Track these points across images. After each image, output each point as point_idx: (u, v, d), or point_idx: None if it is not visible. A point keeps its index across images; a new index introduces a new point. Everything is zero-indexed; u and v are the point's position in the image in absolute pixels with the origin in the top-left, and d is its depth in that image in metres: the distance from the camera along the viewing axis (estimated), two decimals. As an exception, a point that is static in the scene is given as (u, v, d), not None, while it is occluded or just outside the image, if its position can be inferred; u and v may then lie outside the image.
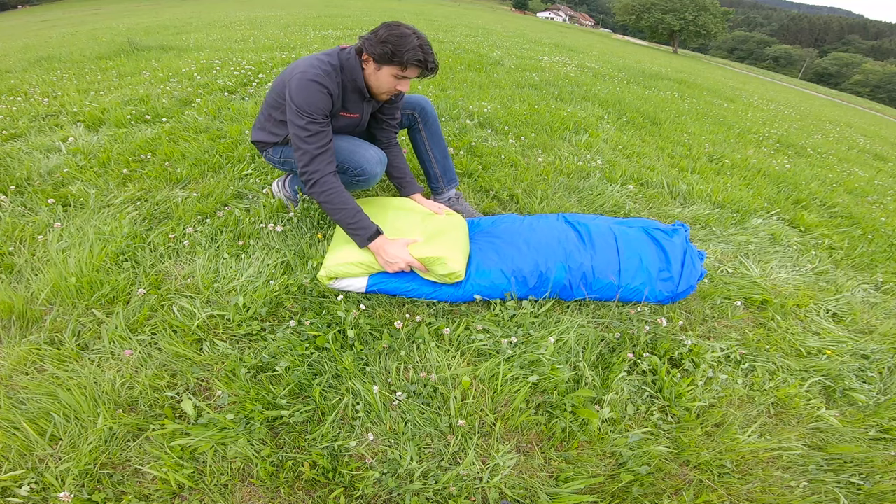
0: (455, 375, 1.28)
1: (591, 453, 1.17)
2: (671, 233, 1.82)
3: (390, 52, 1.44)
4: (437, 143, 1.98)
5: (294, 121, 1.46)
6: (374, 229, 1.51)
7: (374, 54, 1.46)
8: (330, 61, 1.52)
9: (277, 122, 1.67)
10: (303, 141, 1.46)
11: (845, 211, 3.05)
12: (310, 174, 1.48)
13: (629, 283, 1.62)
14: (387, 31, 1.45)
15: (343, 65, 1.53)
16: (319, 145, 1.48)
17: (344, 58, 1.54)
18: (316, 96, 1.46)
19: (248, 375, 1.22)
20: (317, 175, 1.47)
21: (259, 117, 1.77)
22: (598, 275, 1.61)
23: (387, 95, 1.62)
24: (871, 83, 66.92)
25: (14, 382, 1.17)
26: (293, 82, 1.47)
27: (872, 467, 1.24)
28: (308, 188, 1.50)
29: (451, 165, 2.05)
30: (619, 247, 1.69)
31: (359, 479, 1.04)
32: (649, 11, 39.23)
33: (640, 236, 1.77)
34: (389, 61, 1.47)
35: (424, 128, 1.95)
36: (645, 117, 4.43)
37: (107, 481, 0.99)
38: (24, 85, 3.61)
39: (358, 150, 1.65)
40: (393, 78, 1.51)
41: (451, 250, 1.53)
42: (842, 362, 1.60)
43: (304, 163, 1.48)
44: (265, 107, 1.71)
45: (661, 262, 1.69)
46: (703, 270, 1.75)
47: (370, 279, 1.52)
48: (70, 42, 7.08)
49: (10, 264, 1.53)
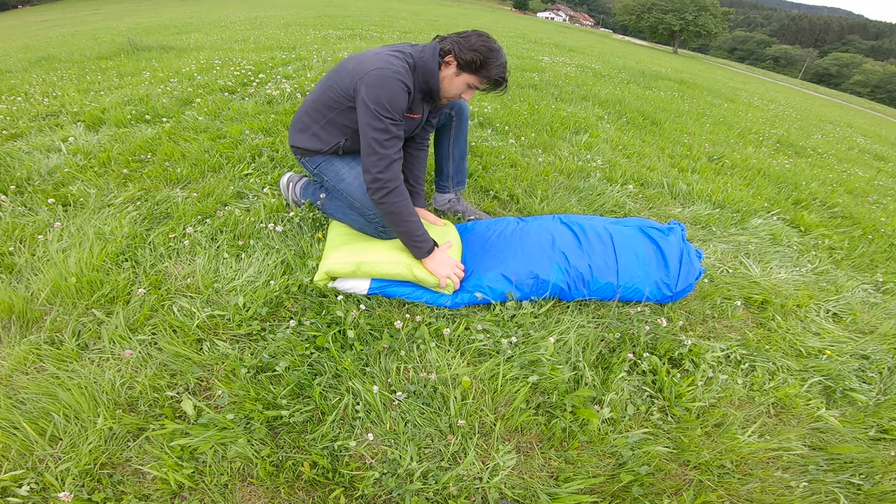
0: (455, 375, 1.28)
1: (591, 453, 1.17)
2: (667, 231, 1.82)
3: (479, 62, 1.40)
4: (461, 144, 1.97)
5: (371, 123, 1.35)
6: (433, 241, 1.52)
7: (462, 59, 1.41)
8: (405, 59, 1.43)
9: (331, 124, 1.56)
10: (381, 145, 1.36)
11: (845, 211, 3.05)
12: (385, 181, 1.38)
13: (627, 283, 1.62)
14: (479, 40, 1.40)
15: (417, 63, 1.45)
16: (397, 149, 1.40)
17: (418, 56, 1.45)
18: (399, 95, 1.37)
19: (248, 375, 1.22)
20: (393, 184, 1.39)
21: (302, 117, 1.62)
22: (596, 275, 1.61)
23: (449, 100, 1.57)
24: (871, 83, 66.93)
25: (14, 382, 1.17)
26: (369, 79, 1.35)
27: (872, 467, 1.24)
28: (380, 196, 1.41)
29: (465, 168, 2.05)
30: (616, 246, 1.69)
31: (359, 479, 1.04)
32: (649, 11, 39.23)
33: (636, 235, 1.77)
34: (474, 70, 1.42)
35: (456, 127, 1.92)
36: (645, 117, 4.43)
37: (107, 481, 0.99)
38: (25, 85, 3.61)
39: None
40: (466, 86, 1.47)
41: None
42: (842, 362, 1.60)
43: (380, 168, 1.37)
44: (317, 105, 1.57)
45: (659, 261, 1.69)
46: (702, 269, 1.74)
47: (373, 282, 1.53)
48: (70, 42, 7.08)
49: (10, 264, 1.53)
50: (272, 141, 2.52)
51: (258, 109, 3.02)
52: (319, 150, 1.62)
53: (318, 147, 1.61)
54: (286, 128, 2.74)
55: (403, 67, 1.40)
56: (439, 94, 1.51)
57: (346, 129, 1.57)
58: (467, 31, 1.43)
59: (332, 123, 1.56)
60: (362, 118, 1.38)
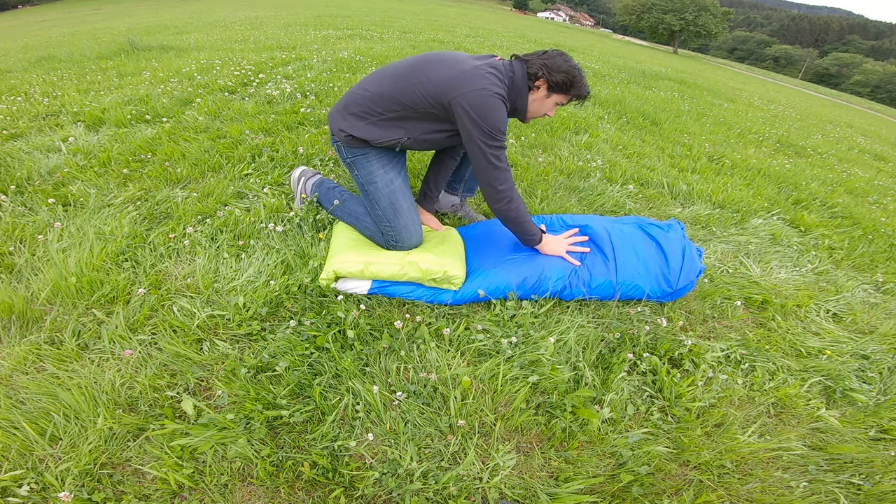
0: (455, 375, 1.28)
1: (591, 453, 1.17)
2: (666, 228, 1.81)
3: (569, 83, 1.46)
4: None
5: (486, 141, 1.40)
6: (540, 230, 1.62)
7: (552, 82, 1.46)
8: (501, 79, 1.44)
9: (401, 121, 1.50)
10: (499, 160, 1.43)
11: (845, 211, 3.05)
12: (506, 191, 1.48)
13: (627, 281, 1.62)
14: (564, 61, 1.46)
15: (509, 85, 1.47)
16: (508, 163, 1.49)
17: (507, 76, 1.46)
18: (503, 115, 1.41)
19: (248, 375, 1.22)
20: (512, 192, 1.49)
21: (367, 104, 1.51)
22: (594, 274, 1.61)
23: (533, 118, 1.60)
24: (871, 83, 66.93)
25: (14, 382, 1.17)
26: (474, 99, 1.37)
27: (872, 468, 1.24)
28: (503, 205, 1.50)
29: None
30: (615, 244, 1.69)
31: (359, 479, 1.04)
32: (649, 11, 39.22)
33: (635, 233, 1.77)
34: (564, 91, 1.48)
35: None
36: (645, 117, 4.43)
37: (107, 481, 0.99)
38: (25, 85, 3.61)
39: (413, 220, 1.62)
40: (554, 105, 1.53)
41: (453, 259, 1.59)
42: (842, 362, 1.60)
43: (501, 182, 1.46)
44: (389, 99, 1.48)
45: (659, 258, 1.69)
46: (702, 266, 1.74)
47: (374, 282, 1.53)
48: (70, 42, 7.09)
49: (10, 264, 1.53)
50: (272, 141, 2.52)
51: (258, 109, 3.02)
52: (372, 142, 1.54)
53: (373, 138, 1.52)
54: (286, 128, 2.74)
55: (503, 89, 1.43)
56: (525, 114, 1.55)
57: (414, 130, 1.52)
58: (548, 52, 1.48)
59: (402, 120, 1.50)
60: (474, 135, 1.40)
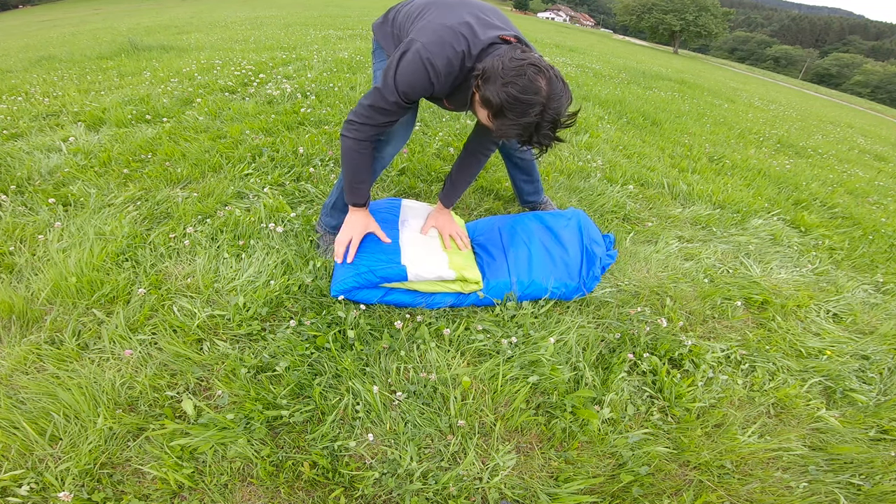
0: (455, 376, 1.28)
1: (591, 454, 1.17)
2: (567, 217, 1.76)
3: (498, 107, 1.07)
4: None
5: (381, 89, 1.23)
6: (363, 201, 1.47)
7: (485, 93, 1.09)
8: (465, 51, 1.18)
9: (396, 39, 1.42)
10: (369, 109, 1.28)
11: (846, 211, 3.05)
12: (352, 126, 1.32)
13: (523, 279, 1.55)
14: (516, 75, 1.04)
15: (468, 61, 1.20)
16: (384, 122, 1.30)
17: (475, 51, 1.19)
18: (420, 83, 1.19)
19: (248, 375, 1.22)
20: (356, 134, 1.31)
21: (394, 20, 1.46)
22: (488, 276, 1.55)
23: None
24: (871, 84, 66.93)
25: (14, 382, 1.17)
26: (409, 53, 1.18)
27: (872, 468, 1.24)
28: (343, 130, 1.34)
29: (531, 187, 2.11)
30: (504, 242, 1.63)
31: (359, 479, 1.04)
32: (650, 12, 39.25)
33: (530, 226, 1.71)
34: (494, 115, 1.11)
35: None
36: (645, 118, 4.43)
37: (107, 481, 0.99)
38: (25, 85, 3.61)
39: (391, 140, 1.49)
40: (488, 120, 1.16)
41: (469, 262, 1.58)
42: (842, 363, 1.60)
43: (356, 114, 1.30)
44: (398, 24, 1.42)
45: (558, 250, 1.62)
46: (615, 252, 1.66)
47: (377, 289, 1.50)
48: (71, 42, 7.09)
49: (10, 264, 1.53)
50: (272, 141, 2.52)
51: (258, 109, 3.02)
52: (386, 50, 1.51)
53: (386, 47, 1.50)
54: (286, 128, 2.74)
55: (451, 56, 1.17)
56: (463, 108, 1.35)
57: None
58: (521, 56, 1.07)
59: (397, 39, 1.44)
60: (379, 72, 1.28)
